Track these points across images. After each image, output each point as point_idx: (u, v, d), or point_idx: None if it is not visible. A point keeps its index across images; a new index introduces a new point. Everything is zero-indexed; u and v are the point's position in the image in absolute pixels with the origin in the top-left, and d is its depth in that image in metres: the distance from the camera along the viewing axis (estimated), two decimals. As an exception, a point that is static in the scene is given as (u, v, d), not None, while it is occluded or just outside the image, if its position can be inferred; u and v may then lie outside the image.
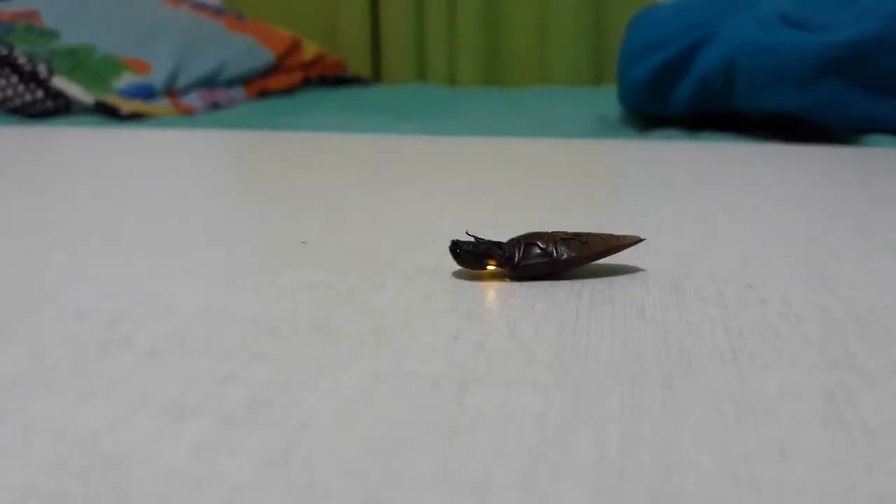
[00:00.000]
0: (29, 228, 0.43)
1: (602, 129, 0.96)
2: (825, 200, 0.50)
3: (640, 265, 0.36)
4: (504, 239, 0.40)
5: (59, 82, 1.09)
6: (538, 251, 0.33)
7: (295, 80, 1.44)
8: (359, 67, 1.76)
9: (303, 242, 0.40)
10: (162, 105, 1.15)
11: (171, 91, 1.19)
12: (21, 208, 0.49)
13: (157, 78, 1.17)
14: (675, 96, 0.89)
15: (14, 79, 1.09)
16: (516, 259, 0.33)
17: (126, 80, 1.14)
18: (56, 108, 1.09)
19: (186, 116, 1.12)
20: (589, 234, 0.34)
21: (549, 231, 0.34)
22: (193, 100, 1.21)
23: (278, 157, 0.69)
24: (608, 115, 1.07)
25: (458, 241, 0.34)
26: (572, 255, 0.33)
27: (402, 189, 0.54)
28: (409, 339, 0.27)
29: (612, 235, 0.35)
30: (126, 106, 1.08)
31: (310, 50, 1.53)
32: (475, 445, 0.20)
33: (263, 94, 1.37)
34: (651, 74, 0.89)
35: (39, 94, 1.09)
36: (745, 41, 0.81)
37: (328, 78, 1.57)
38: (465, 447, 0.20)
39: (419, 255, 0.38)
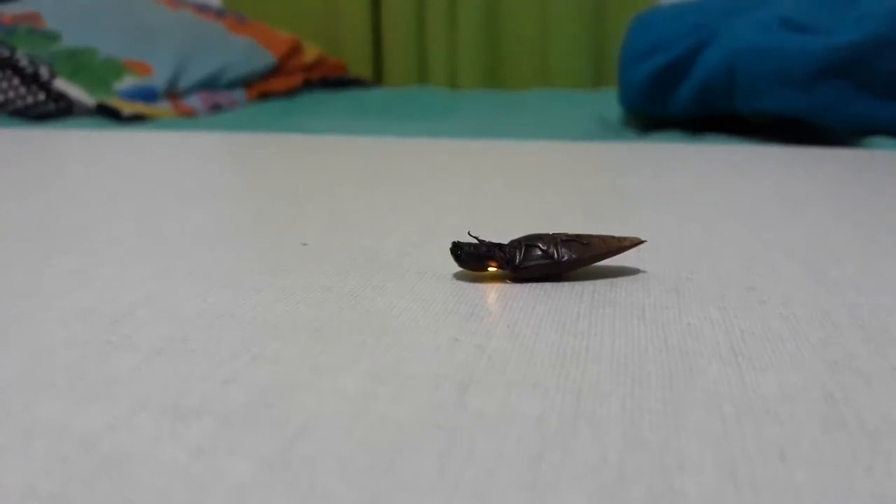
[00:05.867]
0: (30, 229, 0.43)
1: (602, 131, 0.96)
2: (826, 202, 0.50)
3: (640, 267, 0.36)
4: (505, 240, 0.40)
5: (61, 84, 1.09)
6: (539, 253, 0.33)
7: (296, 83, 1.45)
8: (360, 69, 1.77)
9: (303, 244, 0.40)
10: (163, 107, 1.15)
11: (172, 93, 1.20)
12: (22, 209, 0.49)
13: (158, 80, 1.18)
14: (676, 99, 0.89)
15: (16, 81, 1.10)
16: (517, 261, 0.33)
17: (127, 82, 1.15)
18: (58, 110, 1.10)
19: (188, 118, 1.12)
20: (590, 236, 0.34)
21: (550, 233, 0.34)
22: (195, 102, 1.21)
23: (279, 158, 0.69)
24: (609, 118, 1.07)
25: (459, 242, 0.34)
26: (573, 256, 0.33)
27: (403, 190, 0.54)
28: (409, 341, 0.27)
29: (612, 237, 0.35)
30: (127, 108, 1.08)
31: (311, 52, 1.53)
32: (476, 446, 0.20)
33: (264, 96, 1.37)
34: (652, 77, 0.89)
35: (41, 96, 1.09)
36: (746, 44, 0.81)
37: (329, 80, 1.57)
38: (466, 448, 0.20)
39: (420, 257, 0.38)
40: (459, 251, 0.33)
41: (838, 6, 0.82)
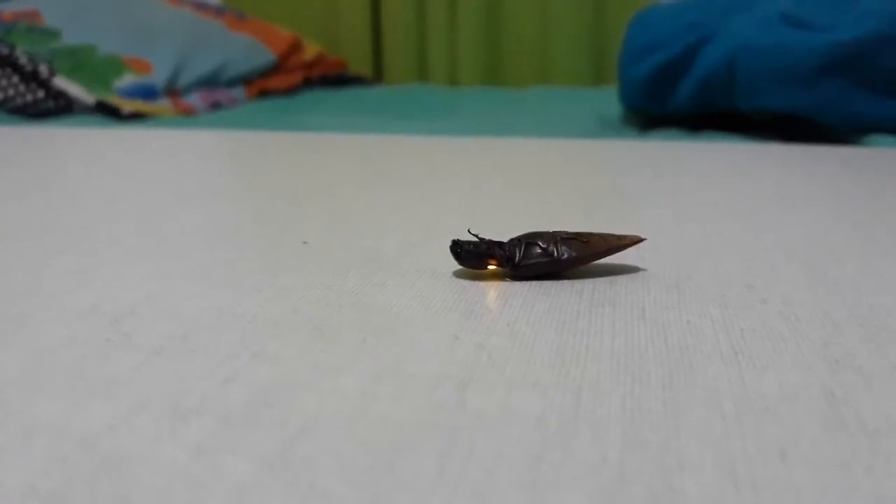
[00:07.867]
0: (30, 228, 0.43)
1: (602, 129, 0.96)
2: (826, 200, 0.50)
3: (640, 265, 0.36)
4: (505, 238, 0.40)
5: (60, 82, 1.09)
6: (539, 251, 0.33)
7: (296, 80, 1.44)
8: (360, 67, 1.76)
9: (304, 242, 0.40)
10: (163, 105, 1.15)
11: (172, 91, 1.19)
12: (22, 208, 0.49)
13: (158, 78, 1.17)
14: (676, 96, 0.89)
15: (15, 79, 1.09)
16: (517, 259, 0.33)
17: (127, 79, 1.15)
18: (57, 107, 1.10)
19: (187, 116, 1.12)
20: (590, 234, 0.34)
21: (550, 231, 0.34)
22: (194, 100, 1.21)
23: (279, 156, 0.69)
24: (609, 115, 1.07)
25: (458, 240, 0.34)
26: (573, 254, 0.33)
27: (403, 189, 0.54)
28: (409, 339, 0.27)
29: (612, 235, 0.35)
30: (127, 106, 1.08)
31: (311, 50, 1.53)
32: (475, 446, 0.20)
33: (264, 93, 1.37)
34: (652, 74, 0.89)
35: (40, 93, 1.09)
36: (746, 41, 0.81)
37: (329, 78, 1.57)
38: (466, 447, 0.20)
39: (420, 255, 0.38)
40: (459, 249, 0.33)
41: (839, 4, 0.82)
